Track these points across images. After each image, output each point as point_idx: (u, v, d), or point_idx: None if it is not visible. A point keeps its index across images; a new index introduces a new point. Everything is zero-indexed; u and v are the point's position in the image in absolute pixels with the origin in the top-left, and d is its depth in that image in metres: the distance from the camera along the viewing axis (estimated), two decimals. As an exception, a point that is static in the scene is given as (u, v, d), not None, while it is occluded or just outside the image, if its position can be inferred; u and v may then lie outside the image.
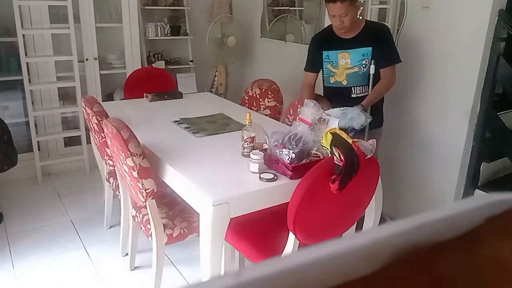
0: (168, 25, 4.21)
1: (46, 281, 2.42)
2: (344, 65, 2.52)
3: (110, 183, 2.73)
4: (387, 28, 2.58)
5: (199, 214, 1.80)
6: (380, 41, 2.49)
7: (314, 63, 2.68)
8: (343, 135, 1.72)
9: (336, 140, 1.69)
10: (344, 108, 2.34)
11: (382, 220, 2.17)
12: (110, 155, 2.36)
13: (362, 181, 1.76)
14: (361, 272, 0.26)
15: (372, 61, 2.47)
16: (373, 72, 2.49)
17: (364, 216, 2.12)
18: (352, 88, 2.56)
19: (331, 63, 2.57)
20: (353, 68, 2.51)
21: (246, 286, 0.25)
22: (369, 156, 1.74)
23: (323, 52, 2.60)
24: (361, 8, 2.46)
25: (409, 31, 2.83)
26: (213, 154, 2.18)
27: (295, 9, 4.24)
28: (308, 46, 2.77)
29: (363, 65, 2.49)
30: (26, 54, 3.37)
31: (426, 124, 2.80)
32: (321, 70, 2.66)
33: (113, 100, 3.92)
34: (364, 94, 2.54)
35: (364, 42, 2.48)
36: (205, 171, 1.96)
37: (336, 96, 2.62)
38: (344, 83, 2.56)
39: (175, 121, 2.64)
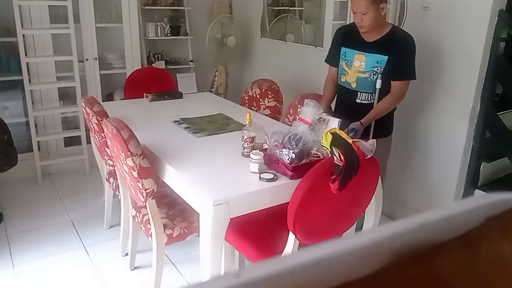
0: (168, 25, 4.21)
1: (46, 281, 2.42)
2: (358, 67, 2.43)
3: (110, 183, 2.73)
4: (412, 41, 2.36)
5: (199, 214, 1.80)
6: (398, 51, 2.34)
7: (333, 56, 2.59)
8: (343, 135, 1.72)
9: (336, 140, 1.69)
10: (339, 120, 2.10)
11: None
12: (110, 155, 2.36)
13: (362, 181, 1.76)
14: (361, 272, 0.26)
15: (379, 75, 2.36)
16: (379, 87, 2.37)
17: (364, 216, 2.12)
18: (359, 93, 2.46)
19: (346, 62, 2.48)
20: (365, 73, 2.41)
21: (246, 286, 0.25)
22: (369, 156, 1.74)
23: (342, 47, 2.51)
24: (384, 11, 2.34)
25: (409, 31, 2.83)
26: (213, 154, 2.18)
27: (295, 9, 4.24)
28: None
29: (374, 73, 2.38)
30: (26, 54, 3.37)
31: (426, 124, 2.81)
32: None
33: (113, 100, 3.92)
34: (368, 102, 2.44)
35: (382, 49, 2.35)
36: (205, 171, 1.96)
37: (342, 96, 2.58)
38: (354, 85, 2.46)
39: (175, 121, 2.64)
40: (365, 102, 2.46)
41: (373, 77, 2.39)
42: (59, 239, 2.80)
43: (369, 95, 2.44)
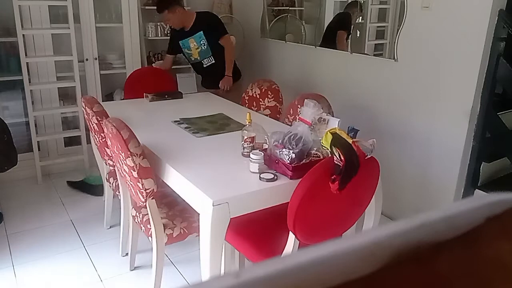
0: (168, 25, 4.20)
1: (46, 281, 2.42)
2: (194, 46, 3.54)
3: (110, 183, 2.73)
4: (210, 14, 3.66)
5: (199, 214, 1.80)
6: (206, 25, 3.47)
7: (173, 49, 3.67)
8: (343, 135, 1.72)
9: (336, 140, 1.69)
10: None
11: None
12: (110, 155, 2.36)
13: (362, 181, 1.76)
14: (361, 272, 0.26)
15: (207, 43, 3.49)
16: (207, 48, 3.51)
17: (364, 216, 2.12)
18: (202, 61, 3.58)
19: (187, 48, 3.57)
20: (199, 47, 3.52)
21: (246, 286, 0.25)
22: (369, 156, 1.74)
23: (179, 42, 3.56)
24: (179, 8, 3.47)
25: (409, 31, 2.83)
26: (213, 154, 2.18)
27: (295, 9, 4.24)
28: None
29: (203, 44, 3.50)
30: (26, 54, 3.37)
31: (426, 124, 2.80)
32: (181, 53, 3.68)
33: (113, 100, 3.91)
34: (211, 63, 3.57)
35: (196, 29, 3.47)
36: (205, 171, 1.96)
37: (197, 69, 3.70)
38: (198, 58, 3.58)
39: (175, 121, 2.64)
40: (209, 64, 3.58)
41: (204, 47, 3.51)
42: (59, 239, 2.80)
43: (208, 58, 3.56)
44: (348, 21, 3.61)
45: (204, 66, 3.60)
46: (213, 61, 3.56)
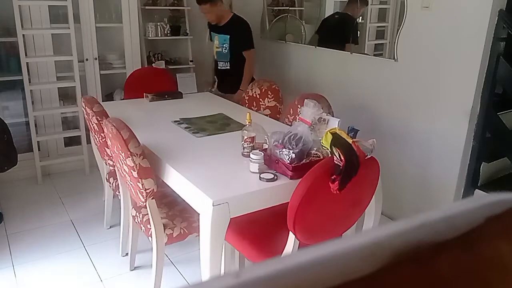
0: (168, 25, 4.21)
1: (46, 281, 2.42)
2: (216, 44, 3.56)
3: (110, 183, 2.73)
4: (244, 23, 3.49)
5: (199, 214, 1.80)
6: (235, 32, 3.43)
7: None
8: (343, 135, 1.72)
9: (336, 140, 1.69)
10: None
11: None
12: (110, 155, 2.36)
13: (362, 181, 1.76)
14: (361, 272, 0.26)
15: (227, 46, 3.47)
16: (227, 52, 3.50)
17: (364, 216, 2.12)
18: (218, 62, 3.60)
19: (213, 42, 3.64)
20: (219, 48, 3.54)
21: (246, 286, 0.25)
22: (369, 156, 1.74)
23: (211, 33, 3.63)
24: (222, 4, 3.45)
25: (409, 31, 2.83)
26: (213, 154, 2.18)
27: (295, 9, 4.24)
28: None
29: (224, 47, 3.49)
30: (26, 54, 3.37)
31: (426, 124, 2.80)
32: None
33: (113, 100, 3.91)
34: (225, 68, 3.57)
35: (225, 31, 3.45)
36: (205, 171, 1.96)
37: (214, 65, 3.72)
38: (216, 57, 3.62)
39: (175, 121, 2.64)
40: (223, 68, 3.58)
41: (224, 50, 3.50)
42: (59, 239, 2.80)
43: (225, 63, 3.56)
44: (354, 30, 3.52)
45: (218, 67, 3.62)
46: (228, 67, 3.55)
